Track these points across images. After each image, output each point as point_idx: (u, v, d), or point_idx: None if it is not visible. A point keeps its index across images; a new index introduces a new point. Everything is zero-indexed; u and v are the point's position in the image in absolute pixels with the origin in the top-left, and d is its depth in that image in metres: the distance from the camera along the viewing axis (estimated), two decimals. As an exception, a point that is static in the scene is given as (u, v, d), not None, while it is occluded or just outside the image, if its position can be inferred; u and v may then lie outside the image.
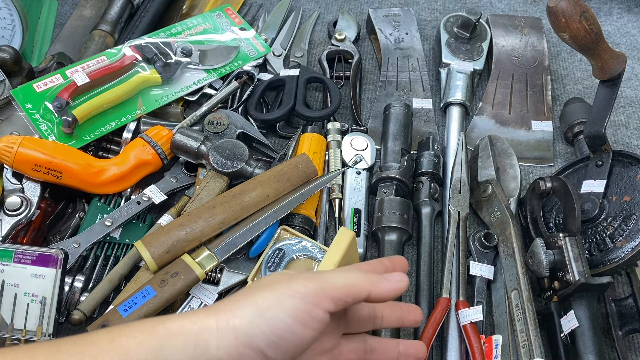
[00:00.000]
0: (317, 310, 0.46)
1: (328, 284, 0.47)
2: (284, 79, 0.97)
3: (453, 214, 0.80)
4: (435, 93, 1.01)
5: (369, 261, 0.57)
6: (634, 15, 1.14)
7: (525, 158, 0.93)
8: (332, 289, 0.47)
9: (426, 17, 1.15)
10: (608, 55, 0.76)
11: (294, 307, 0.45)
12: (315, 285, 0.47)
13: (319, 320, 0.46)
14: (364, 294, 0.48)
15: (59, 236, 0.79)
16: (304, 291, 0.46)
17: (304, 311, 0.45)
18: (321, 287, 0.47)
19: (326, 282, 0.47)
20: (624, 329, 0.72)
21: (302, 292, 0.46)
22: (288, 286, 0.47)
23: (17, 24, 0.96)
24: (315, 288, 0.46)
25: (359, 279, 0.49)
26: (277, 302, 0.46)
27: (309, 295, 0.46)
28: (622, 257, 0.73)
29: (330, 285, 0.47)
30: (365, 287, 0.48)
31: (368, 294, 0.49)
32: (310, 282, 0.47)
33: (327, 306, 0.46)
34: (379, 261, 0.57)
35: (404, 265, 0.57)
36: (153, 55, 0.92)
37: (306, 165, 0.78)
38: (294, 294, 0.46)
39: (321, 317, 0.46)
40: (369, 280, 0.49)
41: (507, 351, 0.69)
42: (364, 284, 0.49)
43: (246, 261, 0.75)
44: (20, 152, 0.75)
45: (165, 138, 0.82)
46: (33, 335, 0.66)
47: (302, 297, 0.46)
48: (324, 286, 0.47)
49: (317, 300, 0.46)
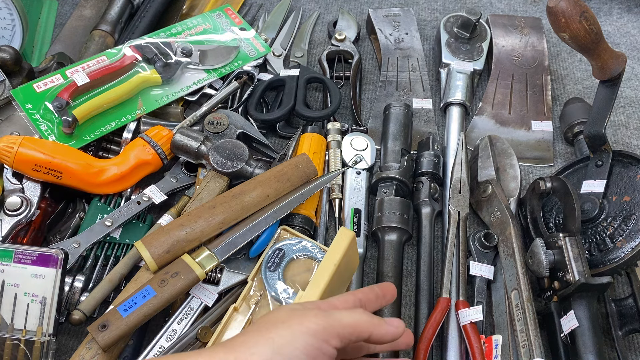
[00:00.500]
0: (327, 347, 0.50)
1: (336, 321, 0.51)
2: (284, 79, 0.97)
3: (453, 214, 0.80)
4: (435, 93, 1.01)
5: (362, 289, 0.60)
6: (634, 15, 1.14)
7: (525, 158, 0.93)
8: (340, 327, 0.51)
9: (426, 17, 1.15)
10: (608, 55, 0.76)
11: (307, 343, 0.49)
12: (325, 323, 0.50)
13: (328, 356, 0.50)
14: (366, 335, 0.52)
15: (59, 236, 0.79)
16: (315, 328, 0.50)
17: (316, 347, 0.49)
18: (330, 324, 0.50)
19: (335, 320, 0.51)
20: (624, 329, 0.72)
21: (313, 328, 0.49)
22: (301, 323, 0.50)
23: (17, 24, 0.96)
24: (325, 325, 0.50)
25: (364, 320, 0.53)
26: (292, 339, 0.49)
27: (320, 331, 0.50)
28: (622, 257, 0.73)
29: (338, 323, 0.51)
30: (368, 329, 0.52)
31: (370, 335, 0.53)
32: (320, 319, 0.51)
33: (334, 343, 0.50)
34: (370, 289, 0.60)
35: (392, 292, 0.61)
36: (153, 55, 0.92)
37: (306, 165, 0.78)
38: (306, 330, 0.49)
39: (330, 352, 0.50)
40: (372, 322, 0.53)
41: (507, 351, 0.69)
42: (367, 326, 0.53)
43: (246, 261, 0.75)
44: (21, 152, 0.75)
45: (165, 138, 0.83)
46: (33, 335, 0.66)
47: (314, 333, 0.49)
48: (332, 324, 0.51)
49: (327, 337, 0.50)
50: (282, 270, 0.72)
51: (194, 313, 0.70)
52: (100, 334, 0.62)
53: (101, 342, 0.62)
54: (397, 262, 0.78)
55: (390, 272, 0.77)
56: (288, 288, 0.70)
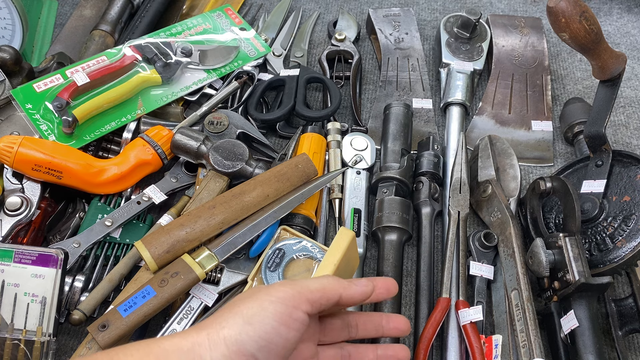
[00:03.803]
0: (297, 312, 0.50)
1: (304, 288, 0.52)
2: (284, 79, 0.97)
3: (453, 214, 0.80)
4: (435, 93, 1.01)
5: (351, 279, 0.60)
6: (634, 15, 1.14)
7: (525, 158, 0.93)
8: (308, 292, 0.52)
9: (426, 17, 1.15)
10: (608, 55, 0.76)
11: (276, 311, 0.49)
12: (293, 290, 0.51)
13: (300, 322, 0.50)
14: (336, 297, 0.53)
15: (59, 236, 0.79)
16: (283, 295, 0.50)
17: (286, 314, 0.50)
18: (298, 291, 0.51)
19: (302, 287, 0.52)
20: (624, 329, 0.72)
21: (281, 296, 0.50)
22: (268, 293, 0.51)
23: (17, 24, 0.96)
24: (293, 292, 0.51)
25: (331, 283, 0.54)
26: (261, 308, 0.49)
27: (288, 298, 0.50)
28: (622, 257, 0.73)
29: (306, 289, 0.52)
30: (336, 290, 0.53)
31: (339, 297, 0.53)
32: (287, 287, 0.51)
33: (305, 308, 0.51)
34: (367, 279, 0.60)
35: (388, 286, 0.59)
36: (153, 55, 0.92)
37: (306, 165, 0.78)
38: (275, 299, 0.50)
39: (302, 318, 0.50)
40: (339, 284, 0.54)
41: (507, 351, 0.69)
42: (335, 287, 0.53)
43: (246, 261, 0.75)
44: (21, 152, 0.75)
45: (166, 138, 0.83)
46: (33, 335, 0.66)
47: (282, 301, 0.50)
48: (300, 290, 0.51)
49: (296, 303, 0.50)
50: (282, 270, 0.72)
51: (194, 313, 0.70)
52: (100, 334, 0.62)
53: (101, 342, 0.62)
54: (397, 262, 0.78)
55: (390, 272, 0.77)
56: (288, 288, 0.70)
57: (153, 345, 0.49)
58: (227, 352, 0.48)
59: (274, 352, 0.49)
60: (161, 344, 0.49)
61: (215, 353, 0.47)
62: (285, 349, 0.50)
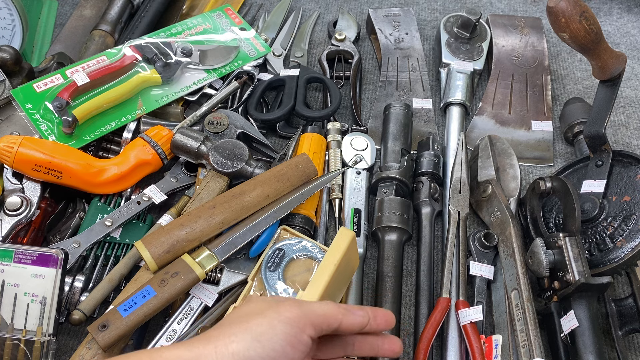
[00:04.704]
0: (303, 335, 0.51)
1: (310, 311, 0.53)
2: (284, 79, 0.97)
3: (453, 214, 0.80)
4: (435, 93, 1.01)
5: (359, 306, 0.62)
6: (634, 15, 1.14)
7: (525, 158, 0.93)
8: (314, 317, 0.53)
9: (426, 17, 1.15)
10: (608, 55, 0.76)
11: (285, 332, 0.50)
12: (300, 312, 0.52)
13: (304, 344, 0.51)
14: (337, 323, 0.55)
15: (59, 236, 0.79)
16: (291, 316, 0.51)
17: (293, 335, 0.51)
18: (305, 313, 0.52)
19: (308, 310, 0.53)
20: (624, 329, 0.72)
21: (289, 317, 0.51)
22: (277, 312, 0.52)
23: (17, 24, 0.96)
24: (300, 314, 0.52)
25: (334, 310, 0.55)
26: (270, 327, 0.50)
27: (296, 320, 0.51)
28: (622, 257, 0.73)
29: (312, 312, 0.53)
30: (337, 318, 0.55)
31: (340, 324, 0.55)
32: (295, 308, 0.52)
33: (309, 332, 0.52)
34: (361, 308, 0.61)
35: (386, 318, 0.60)
36: (153, 55, 0.92)
37: (306, 165, 0.78)
38: (284, 319, 0.51)
39: (306, 341, 0.52)
40: (340, 311, 0.55)
41: (507, 351, 0.69)
42: (336, 315, 0.55)
43: (246, 261, 0.75)
44: (21, 152, 0.75)
45: (165, 138, 0.82)
46: (33, 335, 0.66)
47: (290, 322, 0.51)
48: (307, 313, 0.53)
49: (303, 326, 0.52)
50: (282, 270, 0.72)
51: (194, 313, 0.70)
52: (100, 334, 0.62)
53: (101, 342, 0.62)
54: (397, 262, 0.78)
55: (390, 272, 0.77)
56: (288, 288, 0.70)
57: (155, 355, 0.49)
58: None
59: None
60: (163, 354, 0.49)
61: None
62: None
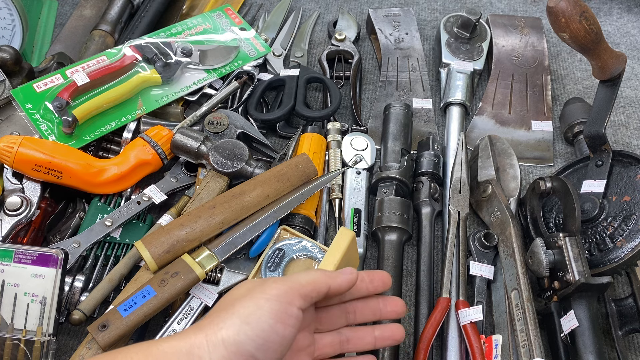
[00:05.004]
0: (292, 308, 0.51)
1: (295, 283, 0.53)
2: (284, 79, 0.97)
3: (453, 214, 0.80)
4: (435, 93, 1.01)
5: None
6: (634, 15, 1.14)
7: (525, 158, 0.93)
8: (300, 287, 0.53)
9: (426, 17, 1.15)
10: (608, 55, 0.76)
11: (272, 308, 0.50)
12: (285, 286, 0.52)
13: (295, 317, 0.51)
14: (325, 288, 0.54)
15: (59, 236, 0.79)
16: (276, 293, 0.51)
17: (281, 311, 0.50)
18: (290, 286, 0.52)
19: (293, 282, 0.53)
20: (624, 329, 0.72)
21: (275, 293, 0.51)
22: (262, 291, 0.52)
23: (17, 24, 0.96)
24: (285, 288, 0.52)
25: (319, 276, 0.55)
26: (257, 307, 0.50)
27: (282, 295, 0.51)
28: (622, 257, 0.73)
29: (297, 283, 0.53)
30: (325, 282, 0.55)
31: (328, 288, 0.55)
32: (279, 284, 0.52)
33: (298, 303, 0.52)
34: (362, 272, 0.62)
35: (382, 278, 0.62)
36: (153, 55, 0.92)
37: (306, 165, 0.78)
38: (269, 297, 0.51)
39: (296, 314, 0.51)
40: (327, 275, 0.55)
41: (507, 351, 0.69)
42: (323, 280, 0.55)
43: (246, 261, 0.75)
44: (21, 152, 0.75)
45: (165, 138, 0.83)
46: (33, 335, 0.66)
47: (276, 298, 0.51)
48: (292, 285, 0.52)
49: (289, 299, 0.51)
50: (282, 270, 0.72)
51: (194, 313, 0.70)
52: (100, 334, 0.62)
53: (101, 342, 0.62)
54: (397, 262, 0.78)
55: (390, 272, 0.77)
56: (288, 288, 0.70)
57: (152, 348, 0.49)
58: (226, 353, 0.48)
59: (272, 349, 0.50)
60: (160, 346, 0.49)
61: (214, 355, 0.48)
62: (283, 345, 0.51)
